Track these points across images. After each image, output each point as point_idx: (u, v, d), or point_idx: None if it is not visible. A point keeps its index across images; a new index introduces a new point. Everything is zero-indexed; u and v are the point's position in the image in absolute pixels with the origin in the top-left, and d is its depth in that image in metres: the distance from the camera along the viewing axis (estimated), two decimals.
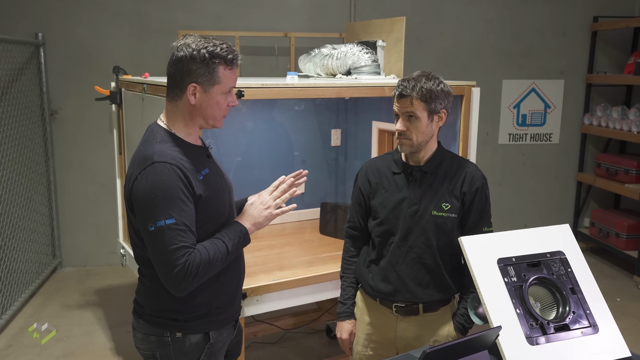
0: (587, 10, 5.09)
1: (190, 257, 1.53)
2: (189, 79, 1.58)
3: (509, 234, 1.75)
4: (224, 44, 1.61)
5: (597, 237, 4.99)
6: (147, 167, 1.55)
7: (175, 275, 1.52)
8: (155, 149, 1.58)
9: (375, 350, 2.05)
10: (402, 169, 1.98)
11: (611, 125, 4.84)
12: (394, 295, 1.97)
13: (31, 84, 4.25)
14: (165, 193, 1.52)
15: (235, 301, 1.82)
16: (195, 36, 1.62)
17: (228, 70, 1.61)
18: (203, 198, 1.61)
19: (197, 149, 1.69)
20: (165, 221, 1.51)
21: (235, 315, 1.84)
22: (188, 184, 1.56)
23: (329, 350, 3.40)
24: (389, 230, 1.96)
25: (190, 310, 1.67)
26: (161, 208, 1.51)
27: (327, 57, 2.96)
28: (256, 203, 1.76)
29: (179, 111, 1.64)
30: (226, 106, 1.66)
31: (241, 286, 1.86)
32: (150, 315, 1.70)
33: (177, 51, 1.59)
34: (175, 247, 1.51)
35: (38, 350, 3.33)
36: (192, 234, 1.56)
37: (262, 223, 1.75)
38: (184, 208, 1.54)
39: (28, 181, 4.19)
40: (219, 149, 3.07)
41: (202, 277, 1.58)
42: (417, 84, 1.85)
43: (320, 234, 3.13)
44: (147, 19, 4.44)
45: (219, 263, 1.62)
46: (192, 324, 1.69)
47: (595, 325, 1.66)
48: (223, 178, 1.77)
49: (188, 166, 1.59)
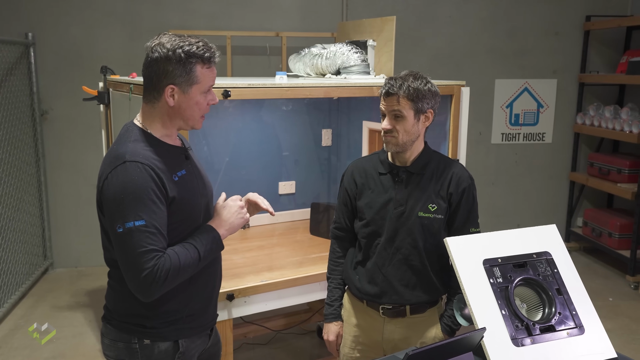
0: (579, 9, 5.09)
1: (160, 261, 1.47)
2: (166, 80, 1.53)
3: (495, 234, 1.74)
4: (200, 41, 1.55)
5: (590, 237, 4.99)
6: (118, 166, 1.49)
7: (143, 279, 1.46)
8: (127, 147, 1.53)
9: (362, 353, 2.04)
10: (388, 170, 1.96)
11: (604, 124, 4.84)
12: (380, 297, 1.96)
13: (21, 84, 4.23)
14: (136, 193, 1.46)
15: (209, 309, 1.74)
16: (170, 35, 1.56)
17: (206, 68, 1.56)
18: (177, 200, 1.55)
19: (175, 150, 1.63)
20: (134, 222, 1.45)
21: (209, 323, 1.76)
22: (161, 185, 1.51)
23: (320, 351, 3.39)
24: (375, 232, 1.95)
25: (159, 316, 1.61)
26: (131, 209, 1.46)
27: (317, 56, 2.94)
28: (230, 206, 1.69)
29: (157, 112, 1.59)
30: (206, 105, 1.61)
31: (216, 293, 1.79)
32: (119, 320, 1.63)
33: (151, 52, 1.54)
34: (144, 250, 1.45)
35: (28, 352, 3.31)
36: (163, 237, 1.50)
37: (236, 228, 1.69)
38: (155, 210, 1.48)
39: (18, 182, 4.16)
40: (208, 149, 3.06)
41: (171, 283, 1.52)
42: (404, 83, 1.84)
43: (310, 235, 3.12)
44: (139, 18, 4.42)
45: (190, 269, 1.56)
46: (161, 331, 1.62)
47: (581, 326, 1.65)
48: (202, 181, 1.71)
49: (162, 167, 1.53)
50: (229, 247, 2.90)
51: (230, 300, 2.27)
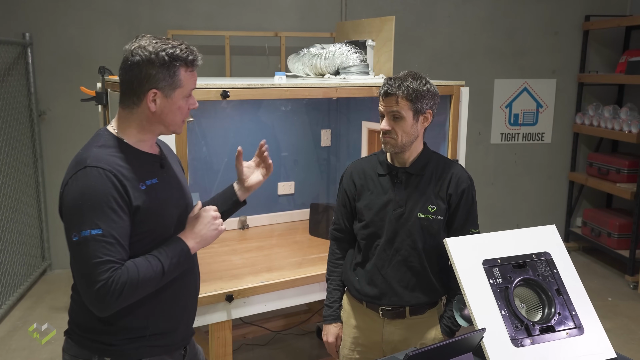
0: (578, 9, 5.09)
1: (115, 273, 1.38)
2: (148, 85, 1.46)
3: (494, 235, 1.74)
4: (183, 43, 1.49)
5: (589, 237, 4.99)
6: (79, 171, 1.42)
7: (96, 292, 1.36)
8: (91, 152, 1.45)
9: (362, 354, 2.03)
10: (387, 171, 1.96)
11: (603, 124, 4.84)
12: (380, 298, 1.95)
13: (19, 85, 4.22)
14: (94, 200, 1.38)
15: (180, 327, 1.62)
16: (150, 37, 1.48)
17: (189, 72, 1.50)
18: (142, 210, 1.46)
19: (148, 157, 1.55)
20: (90, 231, 1.37)
21: (178, 343, 1.64)
22: (123, 193, 1.42)
23: (319, 352, 3.38)
24: (374, 233, 1.95)
25: (120, 332, 1.51)
26: (88, 217, 1.37)
27: (316, 56, 2.94)
28: (203, 217, 1.60)
29: (135, 118, 1.51)
30: (187, 109, 1.54)
31: (190, 311, 1.68)
32: (79, 335, 1.54)
33: (131, 55, 1.46)
34: (99, 260, 1.36)
35: (27, 354, 3.30)
36: (122, 248, 1.41)
37: (209, 240, 1.60)
38: (115, 219, 1.40)
39: (16, 183, 4.15)
40: (207, 150, 3.05)
41: (128, 297, 1.42)
42: (403, 83, 1.83)
43: (309, 235, 3.11)
44: (137, 19, 4.41)
45: (151, 283, 1.46)
46: (122, 349, 1.51)
47: (580, 327, 1.64)
48: (178, 191, 1.62)
49: (127, 174, 1.45)
50: (227, 247, 2.90)
51: (229, 301, 2.26)
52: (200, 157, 3.03)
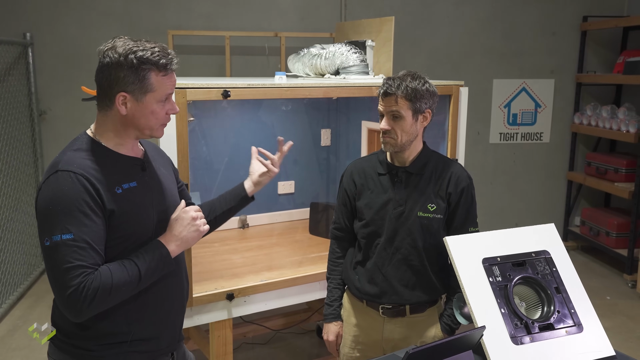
0: (576, 10, 5.11)
1: (87, 278, 1.35)
2: (117, 87, 1.42)
3: (494, 233, 1.75)
4: (156, 46, 1.45)
5: (587, 236, 5.01)
6: (51, 175, 1.40)
7: (68, 297, 1.34)
8: (64, 156, 1.42)
9: (362, 352, 2.04)
10: (387, 170, 1.97)
11: (601, 124, 4.86)
12: (380, 297, 1.96)
13: (19, 85, 4.22)
14: (65, 205, 1.36)
15: (165, 333, 1.58)
16: (125, 39, 1.46)
17: (162, 76, 1.45)
18: (117, 214, 1.43)
19: (128, 160, 1.51)
20: (61, 236, 1.34)
21: (165, 348, 1.60)
22: (96, 197, 1.39)
23: (319, 350, 3.39)
24: (374, 232, 1.96)
25: (100, 337, 1.48)
26: (59, 221, 1.35)
27: (316, 57, 2.95)
28: (182, 219, 1.55)
29: (109, 121, 1.48)
30: (164, 115, 1.50)
31: (175, 315, 1.63)
32: (61, 340, 1.53)
33: (102, 57, 1.44)
34: (70, 265, 1.34)
35: (26, 353, 3.30)
36: (95, 253, 1.38)
37: (190, 242, 1.56)
38: (87, 223, 1.37)
39: (17, 182, 4.16)
40: (207, 149, 3.06)
41: (102, 303, 1.38)
42: (402, 83, 1.85)
43: (309, 234, 3.12)
44: (137, 19, 4.42)
45: (127, 288, 1.42)
46: (102, 354, 1.49)
47: (579, 325, 1.66)
48: (160, 195, 1.57)
49: (100, 177, 1.42)
50: (227, 246, 2.92)
51: (230, 299, 2.27)
52: (200, 156, 3.04)
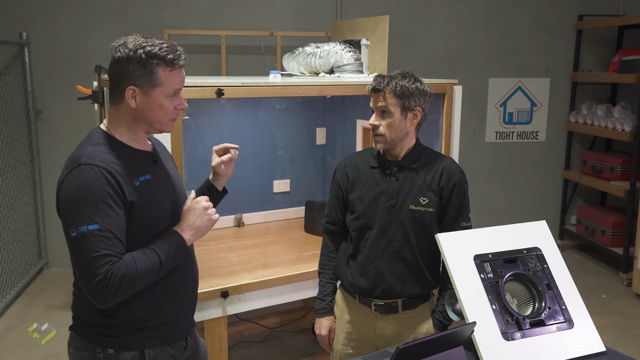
0: (572, 9, 5.12)
1: (114, 266, 1.42)
2: (126, 81, 1.49)
3: (485, 230, 1.76)
4: (165, 43, 1.51)
5: (583, 235, 5.02)
6: (74, 169, 1.46)
7: (96, 285, 1.41)
8: (85, 151, 1.49)
9: (355, 349, 2.05)
10: (379, 163, 1.98)
11: (596, 123, 4.87)
12: (372, 290, 1.97)
13: (15, 84, 4.23)
14: (90, 197, 1.42)
15: (180, 318, 1.67)
16: (136, 36, 1.52)
17: (169, 71, 1.51)
18: (136, 205, 1.50)
19: (141, 154, 1.58)
20: (87, 227, 1.41)
21: (180, 333, 1.69)
22: (118, 189, 1.46)
23: (314, 349, 3.40)
24: (366, 225, 1.97)
25: (122, 325, 1.55)
26: (84, 213, 1.42)
27: (310, 55, 2.96)
28: (195, 209, 1.63)
29: (121, 115, 1.54)
30: (172, 109, 1.56)
31: (189, 302, 1.72)
32: (83, 329, 1.59)
33: (114, 52, 1.50)
34: (97, 254, 1.41)
35: (23, 351, 3.31)
36: (119, 242, 1.45)
37: (203, 230, 1.63)
38: (111, 214, 1.44)
39: (13, 181, 4.16)
40: (203, 148, 3.07)
41: (127, 290, 1.46)
42: (392, 80, 1.87)
43: (305, 233, 3.13)
44: (133, 18, 4.42)
45: (149, 275, 1.50)
46: (125, 340, 1.56)
47: (570, 321, 1.67)
48: (171, 187, 1.65)
49: (120, 170, 1.49)
50: (222, 244, 2.92)
51: (224, 297, 2.28)
52: (195, 155, 3.05)
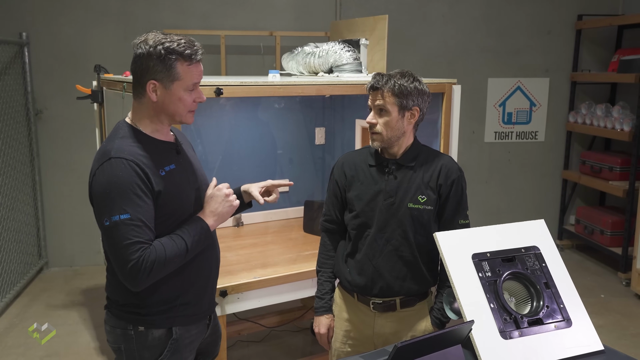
0: (571, 8, 5.12)
1: (145, 252, 1.53)
2: (147, 76, 1.59)
3: (484, 229, 1.76)
4: (183, 39, 1.60)
5: (582, 234, 5.03)
6: (104, 162, 1.56)
7: (129, 270, 1.53)
8: (114, 144, 1.59)
9: (353, 347, 2.05)
10: (377, 162, 1.98)
11: (595, 122, 4.88)
12: (371, 288, 1.97)
13: (15, 84, 4.23)
14: (121, 188, 1.53)
15: (205, 298, 1.80)
16: (156, 33, 1.61)
17: (187, 65, 1.60)
18: (163, 194, 1.61)
19: (164, 145, 1.69)
20: (119, 216, 1.52)
21: (205, 312, 1.82)
22: (146, 180, 1.57)
23: (313, 348, 3.41)
24: (364, 223, 1.97)
25: (151, 304, 1.68)
26: (116, 203, 1.53)
27: (310, 55, 2.96)
28: (216, 196, 1.74)
29: (144, 108, 1.65)
30: (191, 102, 1.65)
31: (212, 282, 1.84)
32: (116, 309, 1.72)
33: (136, 48, 1.60)
34: (129, 242, 1.52)
35: (22, 350, 3.31)
36: (149, 230, 1.57)
37: (225, 216, 1.75)
38: (140, 204, 1.54)
39: (13, 181, 4.16)
40: (202, 147, 3.07)
41: (157, 274, 1.58)
42: (390, 79, 1.87)
43: (304, 232, 3.13)
44: (133, 18, 4.43)
45: (177, 259, 1.61)
46: (154, 319, 1.69)
47: (568, 320, 1.67)
48: (194, 175, 1.76)
49: (148, 162, 1.59)
50: (222, 244, 2.89)
51: (223, 296, 2.28)
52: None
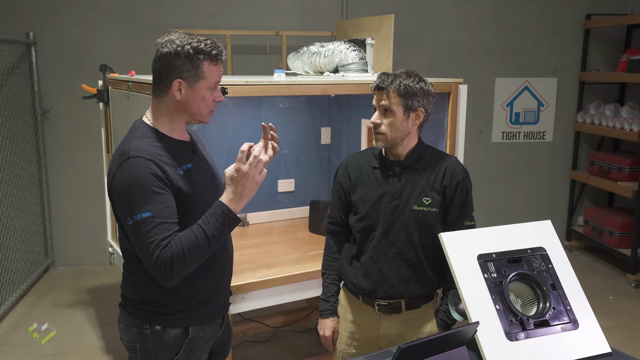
0: (579, 8, 5.08)
1: (163, 251, 1.54)
2: (174, 74, 1.60)
3: (489, 230, 1.75)
4: (208, 39, 1.63)
5: (590, 235, 4.99)
6: (124, 162, 1.58)
7: (154, 269, 1.55)
8: (132, 144, 1.61)
9: (358, 349, 2.04)
10: (381, 164, 1.97)
11: (604, 123, 4.84)
12: (376, 291, 1.96)
13: (22, 84, 4.25)
14: (141, 187, 1.54)
15: (219, 297, 1.80)
16: (180, 32, 1.63)
17: (212, 65, 1.63)
18: (182, 192, 1.62)
19: (181, 144, 1.70)
20: (141, 215, 1.54)
21: (219, 311, 1.83)
22: (164, 178, 1.58)
23: (318, 349, 3.39)
24: (369, 226, 1.95)
25: (169, 304, 1.68)
26: (137, 202, 1.54)
27: (315, 55, 2.95)
28: (235, 178, 1.63)
29: (164, 107, 1.66)
30: (212, 101, 1.67)
31: (226, 281, 1.85)
32: (132, 307, 1.72)
33: (161, 47, 1.61)
34: (150, 240, 1.54)
35: (28, 349, 3.32)
36: (172, 224, 1.57)
37: (248, 194, 1.64)
38: (161, 200, 1.56)
39: (20, 180, 4.18)
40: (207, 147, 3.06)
41: (182, 267, 1.56)
42: (396, 79, 1.85)
43: (309, 232, 3.12)
44: (139, 18, 4.44)
45: (200, 250, 1.58)
46: (171, 318, 1.70)
47: (575, 321, 1.65)
48: (210, 174, 1.77)
49: (167, 161, 1.61)
50: None
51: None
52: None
